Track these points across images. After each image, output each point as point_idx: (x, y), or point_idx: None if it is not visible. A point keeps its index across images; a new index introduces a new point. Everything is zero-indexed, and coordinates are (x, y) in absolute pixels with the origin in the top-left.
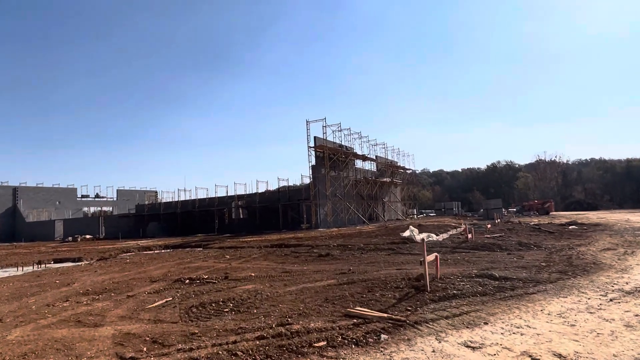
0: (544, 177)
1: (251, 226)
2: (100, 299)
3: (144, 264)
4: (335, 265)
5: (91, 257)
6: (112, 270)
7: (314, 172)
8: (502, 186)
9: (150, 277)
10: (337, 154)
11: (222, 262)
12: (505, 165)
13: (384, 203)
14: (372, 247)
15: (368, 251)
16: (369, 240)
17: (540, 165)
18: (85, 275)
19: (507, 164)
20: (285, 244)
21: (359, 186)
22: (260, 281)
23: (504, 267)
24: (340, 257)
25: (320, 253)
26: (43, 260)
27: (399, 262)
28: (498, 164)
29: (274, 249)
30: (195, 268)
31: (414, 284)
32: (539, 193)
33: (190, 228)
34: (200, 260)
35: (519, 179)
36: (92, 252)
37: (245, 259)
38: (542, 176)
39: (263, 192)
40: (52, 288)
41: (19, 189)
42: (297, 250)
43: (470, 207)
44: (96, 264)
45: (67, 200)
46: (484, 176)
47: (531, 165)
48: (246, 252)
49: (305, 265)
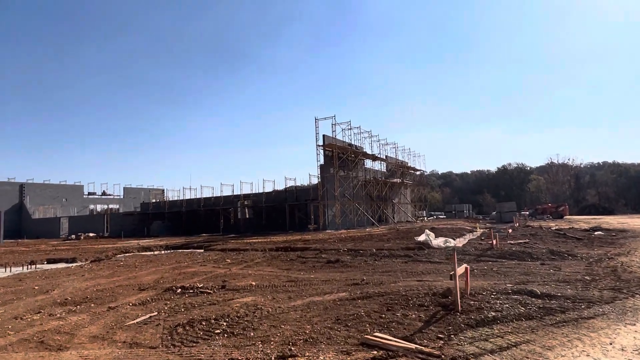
0: (556, 180)
1: (257, 226)
2: (77, 310)
3: (137, 267)
4: (346, 273)
5: (86, 257)
6: (101, 274)
7: (323, 171)
8: (513, 189)
9: (140, 284)
10: (347, 153)
11: (221, 267)
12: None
13: (393, 204)
14: (386, 253)
15: (382, 258)
16: (382, 244)
17: (553, 168)
18: (71, 279)
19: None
20: (292, 247)
21: (368, 187)
22: (261, 292)
23: (541, 280)
24: (352, 264)
25: (330, 259)
26: (36, 260)
27: (418, 272)
28: (509, 166)
29: (279, 252)
30: (192, 274)
31: (441, 301)
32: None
33: (195, 227)
34: (199, 264)
35: (530, 181)
36: (89, 252)
37: (247, 264)
38: (555, 179)
39: (270, 192)
40: (28, 295)
41: (25, 186)
42: (304, 254)
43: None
44: (87, 266)
45: (73, 197)
46: (494, 178)
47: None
48: (249, 255)
49: (312, 273)
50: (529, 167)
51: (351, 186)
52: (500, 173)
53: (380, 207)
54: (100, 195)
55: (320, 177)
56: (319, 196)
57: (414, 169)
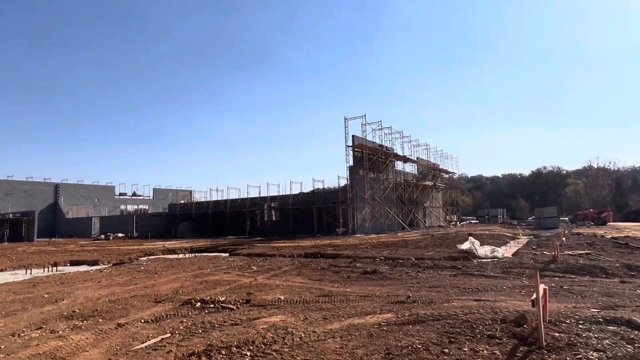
0: (595, 184)
1: (284, 229)
2: (83, 327)
3: (157, 273)
4: (386, 287)
5: (109, 260)
6: (118, 280)
7: (352, 173)
8: (548, 193)
9: (157, 295)
10: (377, 154)
11: (246, 275)
12: (551, 171)
13: (424, 208)
14: (429, 263)
15: (425, 269)
16: (420, 252)
17: (592, 172)
18: (85, 286)
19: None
20: (322, 254)
21: (399, 189)
22: (291, 309)
23: (633, 304)
24: (391, 276)
25: (366, 269)
26: (60, 262)
27: (473, 289)
28: (544, 169)
29: (309, 259)
30: (214, 283)
31: (515, 331)
32: (591, 201)
33: (221, 229)
34: (222, 271)
35: (568, 185)
36: (113, 253)
37: (275, 273)
38: (594, 183)
39: (297, 194)
40: (35, 306)
41: (60, 186)
42: (336, 262)
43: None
44: (107, 270)
45: (105, 197)
46: (527, 182)
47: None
48: (276, 262)
49: (348, 286)
50: (566, 170)
51: (381, 189)
52: (535, 176)
53: (411, 211)
54: (131, 196)
55: (349, 179)
56: (348, 199)
57: (446, 171)
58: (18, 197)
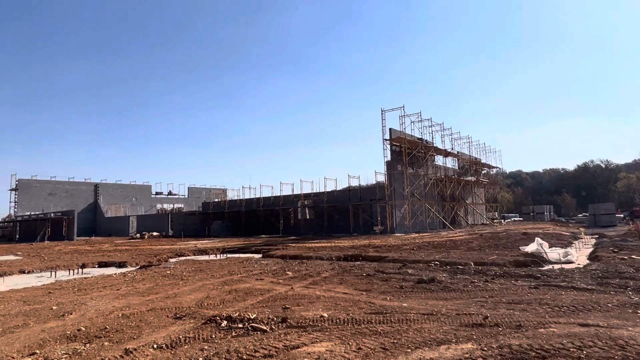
0: None
1: (318, 228)
2: (84, 353)
3: (183, 279)
4: (452, 302)
5: (137, 262)
6: (138, 288)
7: (390, 168)
8: (596, 188)
9: (178, 308)
10: (416, 148)
11: (281, 282)
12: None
13: (466, 205)
14: (496, 270)
15: (494, 277)
16: (476, 255)
17: None
18: (102, 295)
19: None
20: (363, 256)
21: (439, 186)
22: (338, 332)
23: None
24: (454, 286)
25: (421, 277)
26: (88, 263)
27: (569, 307)
28: (591, 163)
29: (350, 263)
30: (244, 292)
31: None
32: None
33: (254, 228)
34: (254, 277)
35: (619, 180)
36: (144, 254)
37: (314, 279)
38: None
39: (331, 191)
40: (38, 320)
41: (99, 186)
42: (383, 267)
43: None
44: (131, 275)
45: (142, 197)
46: (573, 177)
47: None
48: (314, 266)
49: (403, 299)
50: (615, 164)
51: (421, 185)
52: (581, 171)
53: (453, 209)
54: (167, 195)
55: (387, 175)
56: (386, 195)
57: (489, 165)
58: (60, 197)
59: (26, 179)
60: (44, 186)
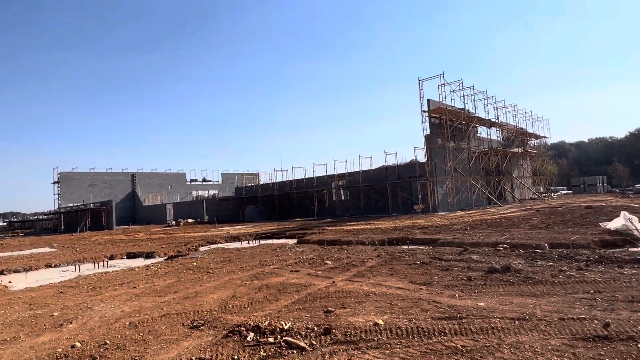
0: None
1: (354, 209)
2: None
3: (209, 272)
4: (545, 299)
5: (167, 251)
6: (158, 285)
7: (429, 142)
8: None
9: (197, 313)
10: (458, 119)
11: (320, 274)
12: None
13: (512, 179)
14: (587, 254)
15: (587, 263)
16: (545, 234)
17: None
18: (113, 296)
19: None
20: (410, 239)
21: (484, 159)
22: (401, 351)
23: None
24: (539, 277)
25: (492, 265)
26: (117, 254)
27: None
28: None
29: (396, 248)
30: (277, 288)
31: None
32: None
33: (288, 211)
34: (289, 268)
35: None
36: (175, 242)
37: (358, 270)
38: None
39: (367, 170)
40: (32, 332)
41: (136, 175)
42: (439, 253)
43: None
44: (154, 268)
45: (177, 184)
46: (624, 145)
47: None
48: (356, 252)
49: (475, 294)
50: None
51: (464, 159)
52: (633, 138)
53: (501, 183)
54: (201, 182)
55: (426, 150)
56: (427, 172)
57: (536, 135)
58: (100, 187)
59: (67, 172)
60: (84, 178)
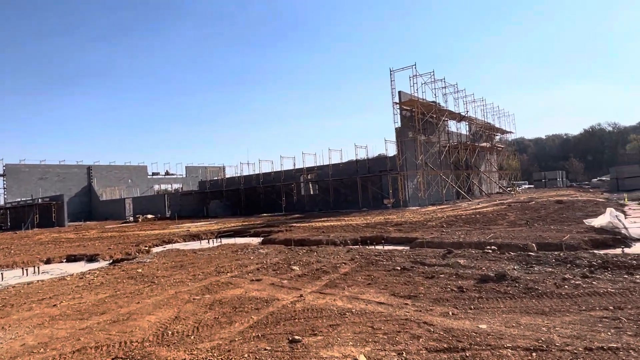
0: None
1: (323, 204)
2: None
3: (154, 282)
4: (557, 317)
5: (114, 253)
6: (87, 301)
7: (400, 135)
8: (604, 152)
9: (123, 346)
10: (430, 111)
11: (285, 284)
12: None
13: (480, 174)
14: (588, 258)
15: (591, 269)
16: (529, 232)
17: None
18: (23, 320)
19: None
20: (385, 238)
21: (455, 153)
22: None
23: None
24: (541, 288)
25: (484, 272)
26: (55, 257)
27: None
28: (598, 126)
29: (372, 249)
30: (233, 306)
31: None
32: None
33: (254, 206)
34: (249, 276)
35: (629, 142)
36: (126, 242)
37: (330, 278)
38: None
39: (337, 164)
40: None
41: (92, 168)
42: (420, 255)
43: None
44: (90, 277)
45: (138, 178)
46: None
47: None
48: (327, 255)
49: (474, 313)
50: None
51: (435, 153)
52: (587, 135)
53: (470, 177)
54: (164, 175)
55: (397, 143)
56: (398, 165)
57: (502, 130)
58: (52, 181)
59: (14, 164)
60: (34, 171)
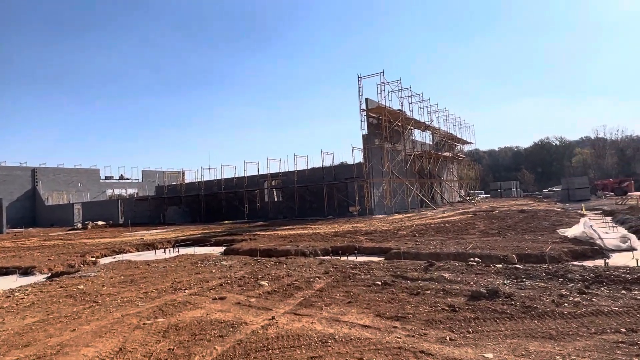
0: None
1: (288, 211)
2: None
3: (97, 301)
4: (566, 343)
5: (54, 265)
6: (8, 329)
7: (367, 142)
8: (552, 164)
9: None
10: (397, 119)
11: (253, 303)
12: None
13: (441, 182)
14: (579, 271)
15: (585, 283)
16: (504, 243)
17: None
18: None
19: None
20: (358, 248)
21: (418, 162)
22: None
23: None
24: (540, 307)
25: (473, 288)
26: None
27: None
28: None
29: (346, 261)
30: (192, 333)
31: None
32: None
33: (215, 213)
34: (211, 294)
35: (574, 155)
36: (70, 251)
37: (304, 296)
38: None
39: (302, 170)
40: None
41: (38, 170)
42: (400, 268)
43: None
44: (20, 295)
45: (89, 182)
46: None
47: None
48: (298, 268)
49: (474, 338)
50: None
51: (401, 161)
52: (537, 148)
53: (433, 186)
54: (118, 180)
55: (364, 150)
56: (364, 173)
57: (463, 141)
58: None
59: None
60: None
